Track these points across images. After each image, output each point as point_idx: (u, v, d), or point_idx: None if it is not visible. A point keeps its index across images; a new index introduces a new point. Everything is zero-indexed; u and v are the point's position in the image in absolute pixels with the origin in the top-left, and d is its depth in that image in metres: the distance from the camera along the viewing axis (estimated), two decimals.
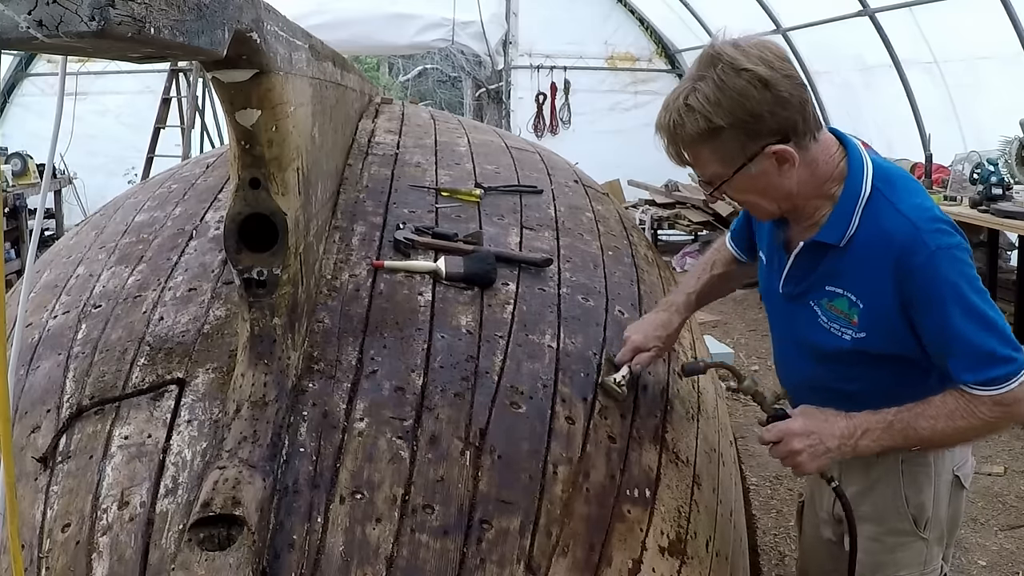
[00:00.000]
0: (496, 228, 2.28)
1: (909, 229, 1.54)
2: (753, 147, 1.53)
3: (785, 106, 1.51)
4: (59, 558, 1.31)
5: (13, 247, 7.58)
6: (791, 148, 1.53)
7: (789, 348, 1.85)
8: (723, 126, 1.51)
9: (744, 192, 1.63)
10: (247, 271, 1.44)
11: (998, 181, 5.59)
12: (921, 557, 1.79)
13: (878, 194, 1.60)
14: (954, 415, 1.55)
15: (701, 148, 1.57)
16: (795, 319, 1.76)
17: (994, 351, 1.53)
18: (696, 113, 1.51)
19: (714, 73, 1.50)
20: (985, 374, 1.53)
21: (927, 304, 1.55)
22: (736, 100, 1.49)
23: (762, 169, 1.55)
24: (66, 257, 2.25)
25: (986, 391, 1.53)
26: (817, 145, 1.59)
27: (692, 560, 1.55)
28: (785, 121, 1.52)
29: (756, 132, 1.52)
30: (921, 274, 1.53)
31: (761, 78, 1.48)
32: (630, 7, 11.10)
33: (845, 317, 1.64)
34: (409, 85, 17.96)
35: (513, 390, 1.63)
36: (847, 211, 1.60)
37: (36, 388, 1.66)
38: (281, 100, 1.36)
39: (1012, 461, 4.34)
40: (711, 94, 1.50)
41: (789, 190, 1.60)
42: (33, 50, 0.87)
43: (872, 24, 7.35)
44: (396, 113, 3.64)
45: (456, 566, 1.31)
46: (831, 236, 1.62)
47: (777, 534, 3.69)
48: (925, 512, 1.77)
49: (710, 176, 1.61)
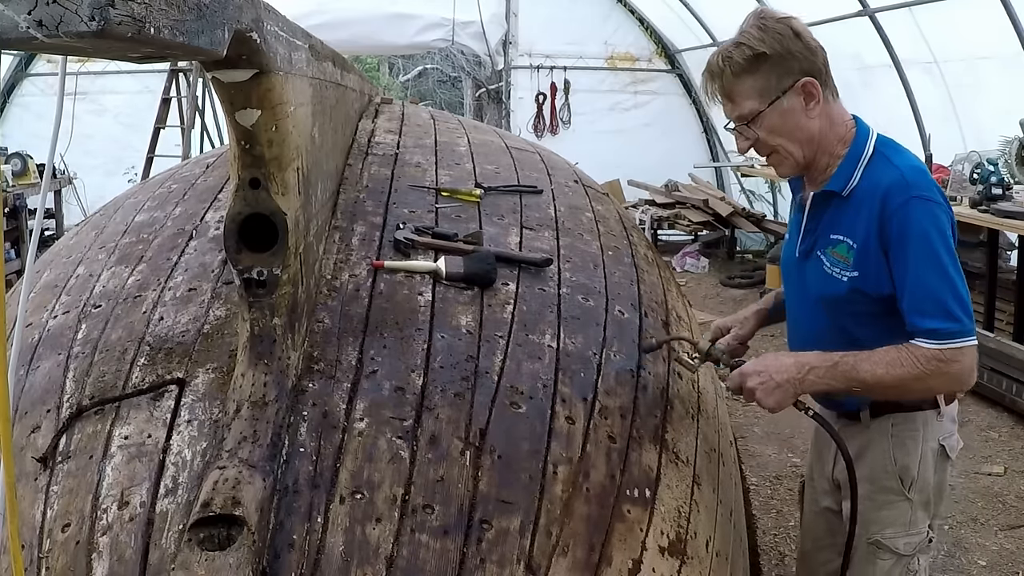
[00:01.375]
0: (496, 228, 2.28)
1: (896, 176, 1.76)
2: (787, 80, 1.78)
3: (814, 54, 1.80)
4: (59, 558, 1.31)
5: (13, 247, 7.58)
6: (818, 85, 1.79)
7: (800, 308, 2.00)
8: (766, 53, 1.77)
9: (773, 132, 1.82)
10: (247, 271, 1.44)
11: (998, 181, 5.59)
12: (906, 517, 1.92)
13: (879, 155, 1.83)
14: (895, 363, 1.70)
15: (744, 80, 1.80)
16: (807, 275, 1.92)
17: (945, 305, 1.68)
18: (744, 46, 1.79)
19: (757, 20, 1.81)
20: (932, 322, 1.69)
21: (898, 244, 1.73)
22: (776, 37, 1.78)
23: (792, 105, 1.79)
24: (66, 257, 2.25)
25: (928, 343, 1.68)
26: (836, 103, 1.86)
27: (692, 560, 1.55)
28: (813, 64, 1.80)
29: (789, 68, 1.78)
30: (897, 216, 1.72)
31: (795, 28, 1.80)
32: (630, 7, 11.09)
33: (844, 261, 1.82)
34: (409, 85, 17.97)
35: (513, 390, 1.63)
36: (852, 165, 1.83)
37: (36, 388, 1.66)
38: (281, 100, 1.36)
39: (1012, 461, 4.34)
40: (755, 32, 1.79)
41: (812, 134, 1.83)
42: (33, 50, 0.87)
43: (872, 24, 7.35)
44: (396, 113, 3.64)
45: (456, 566, 1.31)
46: (836, 185, 1.84)
47: (777, 534, 3.70)
48: (910, 473, 1.90)
49: (748, 111, 1.81)
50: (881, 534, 1.91)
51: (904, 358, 1.70)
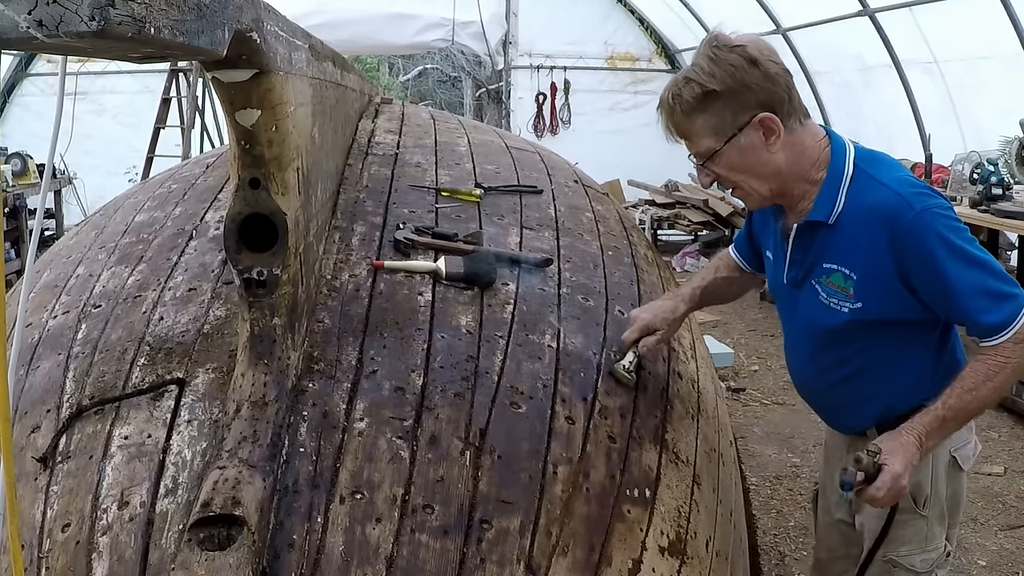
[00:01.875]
0: (496, 228, 2.28)
1: (893, 197, 1.65)
2: (742, 117, 1.65)
3: (773, 82, 1.65)
4: (59, 558, 1.31)
5: (13, 247, 7.58)
6: (777, 120, 1.65)
7: (797, 335, 1.94)
8: (717, 91, 1.63)
9: (734, 170, 1.71)
10: (247, 271, 1.44)
11: (998, 181, 5.59)
12: (922, 534, 1.87)
13: (860, 172, 1.71)
14: (988, 375, 1.65)
15: (696, 119, 1.67)
16: (801, 304, 1.85)
17: (996, 289, 1.63)
18: (693, 83, 1.65)
19: (709, 50, 1.65)
20: (994, 315, 1.62)
21: (922, 263, 1.64)
22: (728, 70, 1.62)
23: (750, 142, 1.66)
24: (66, 257, 2.25)
25: (1001, 336, 1.62)
26: (803, 129, 1.72)
27: (692, 560, 1.55)
28: (771, 96, 1.65)
29: (745, 103, 1.64)
30: (911, 236, 1.63)
31: (750, 56, 1.63)
32: (630, 7, 11.10)
33: (842, 291, 1.74)
34: (409, 85, 17.98)
35: (513, 390, 1.63)
36: (833, 190, 1.72)
37: (36, 388, 1.66)
38: (281, 100, 1.36)
39: (1012, 461, 4.34)
40: (706, 65, 1.64)
41: (777, 167, 1.70)
42: (33, 50, 0.87)
43: (872, 24, 7.35)
44: (396, 113, 3.64)
45: (456, 566, 1.31)
46: (820, 214, 1.73)
47: (777, 534, 3.70)
48: (923, 491, 1.85)
49: (704, 150, 1.70)
50: (896, 552, 1.87)
51: (993, 366, 1.64)
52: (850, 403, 1.89)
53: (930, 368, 1.79)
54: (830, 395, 1.94)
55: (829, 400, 1.97)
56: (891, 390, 1.80)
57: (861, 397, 1.85)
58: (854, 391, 1.86)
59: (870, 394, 1.83)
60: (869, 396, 1.84)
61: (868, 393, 1.83)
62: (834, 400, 1.94)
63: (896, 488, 1.65)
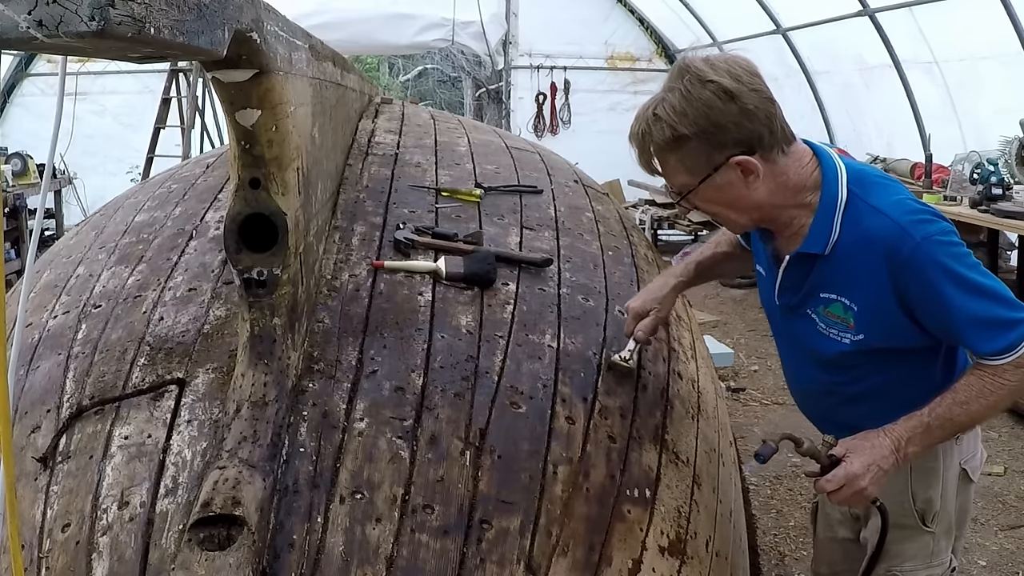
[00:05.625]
0: (496, 228, 2.28)
1: (891, 226, 1.57)
2: (718, 157, 1.56)
3: (750, 118, 1.54)
4: (59, 558, 1.31)
5: (13, 247, 7.58)
6: (755, 160, 1.56)
7: (795, 357, 1.89)
8: (688, 135, 1.54)
9: (712, 203, 1.65)
10: (247, 271, 1.44)
11: (998, 181, 5.59)
12: (928, 549, 1.82)
13: (854, 197, 1.62)
14: (983, 393, 1.59)
15: (668, 157, 1.60)
16: (796, 330, 1.79)
17: (1002, 317, 1.56)
18: (663, 123, 1.55)
19: (681, 84, 1.54)
20: (998, 342, 1.56)
21: (925, 293, 1.57)
22: (701, 110, 1.52)
23: (727, 180, 1.58)
24: (66, 257, 2.25)
25: (1004, 358, 1.56)
26: (787, 158, 1.61)
27: (692, 560, 1.55)
28: (750, 133, 1.55)
29: (720, 143, 1.55)
30: (912, 266, 1.56)
31: (726, 89, 1.51)
32: (630, 7, 11.09)
33: (842, 322, 1.68)
34: (409, 85, 17.97)
35: (513, 390, 1.63)
36: (827, 219, 1.63)
37: (36, 388, 1.66)
38: (281, 100, 1.36)
39: (1012, 461, 4.34)
40: (677, 104, 1.53)
41: (758, 202, 1.62)
42: (33, 50, 0.87)
43: (872, 24, 7.34)
44: (396, 113, 3.64)
45: (456, 566, 1.31)
46: (815, 246, 1.65)
47: (777, 534, 3.70)
48: (933, 507, 1.80)
49: (678, 186, 1.64)
50: (901, 568, 1.83)
51: (988, 385, 1.58)
52: (853, 422, 1.79)
53: (937, 387, 1.71)
54: (832, 414, 1.89)
55: (831, 419, 1.91)
56: (896, 410, 1.71)
57: (864, 415, 1.76)
58: (857, 411, 1.79)
59: (873, 413, 1.74)
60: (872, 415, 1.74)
61: (871, 412, 1.75)
62: (837, 418, 1.88)
63: (852, 488, 1.59)
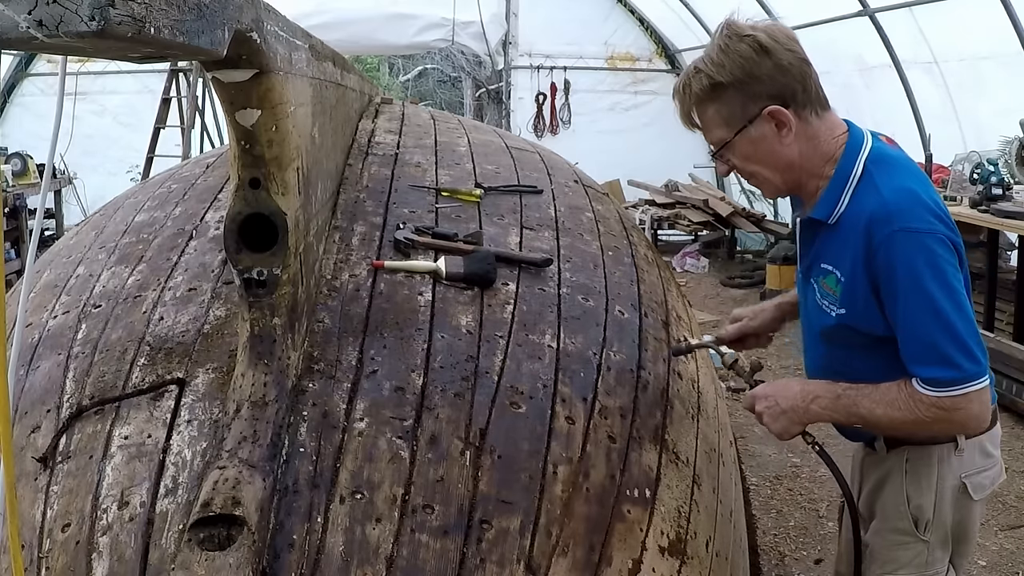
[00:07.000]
0: (496, 228, 2.28)
1: (881, 206, 1.58)
2: (752, 108, 1.62)
3: (784, 73, 1.61)
4: (59, 558, 1.31)
5: (13, 247, 7.59)
6: (789, 113, 1.62)
7: (807, 328, 1.91)
8: (724, 83, 1.61)
9: (748, 160, 1.69)
10: (247, 271, 1.44)
11: (998, 181, 5.59)
12: (922, 559, 1.79)
13: (868, 175, 1.64)
14: (894, 404, 1.59)
15: (707, 108, 1.67)
16: (806, 298, 1.83)
17: (942, 350, 1.52)
18: (702, 73, 1.64)
19: (721, 39, 1.63)
20: (929, 371, 1.54)
21: (887, 284, 1.57)
22: (737, 61, 1.60)
23: (762, 133, 1.64)
24: (66, 257, 2.25)
25: (928, 391, 1.54)
26: (820, 121, 1.67)
27: (692, 560, 1.55)
28: (783, 87, 1.61)
29: (756, 93, 1.62)
30: (883, 251, 1.56)
31: (762, 44, 1.59)
32: (630, 7, 11.09)
33: (832, 294, 1.70)
34: (409, 85, 17.97)
35: (513, 390, 1.63)
36: (837, 190, 1.66)
37: (36, 388, 1.66)
38: (281, 100, 1.36)
39: (1012, 461, 4.34)
40: (715, 56, 1.62)
41: (791, 160, 1.67)
42: (33, 50, 0.87)
43: (872, 24, 7.34)
44: (396, 113, 3.64)
45: (456, 566, 1.31)
46: (821, 212, 1.69)
47: (777, 534, 3.70)
48: (925, 514, 1.77)
49: (716, 140, 1.70)
50: (895, 574, 1.80)
51: (903, 401, 1.57)
52: None
53: None
54: None
55: None
56: None
57: None
58: None
59: None
60: None
61: None
62: None
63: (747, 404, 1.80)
